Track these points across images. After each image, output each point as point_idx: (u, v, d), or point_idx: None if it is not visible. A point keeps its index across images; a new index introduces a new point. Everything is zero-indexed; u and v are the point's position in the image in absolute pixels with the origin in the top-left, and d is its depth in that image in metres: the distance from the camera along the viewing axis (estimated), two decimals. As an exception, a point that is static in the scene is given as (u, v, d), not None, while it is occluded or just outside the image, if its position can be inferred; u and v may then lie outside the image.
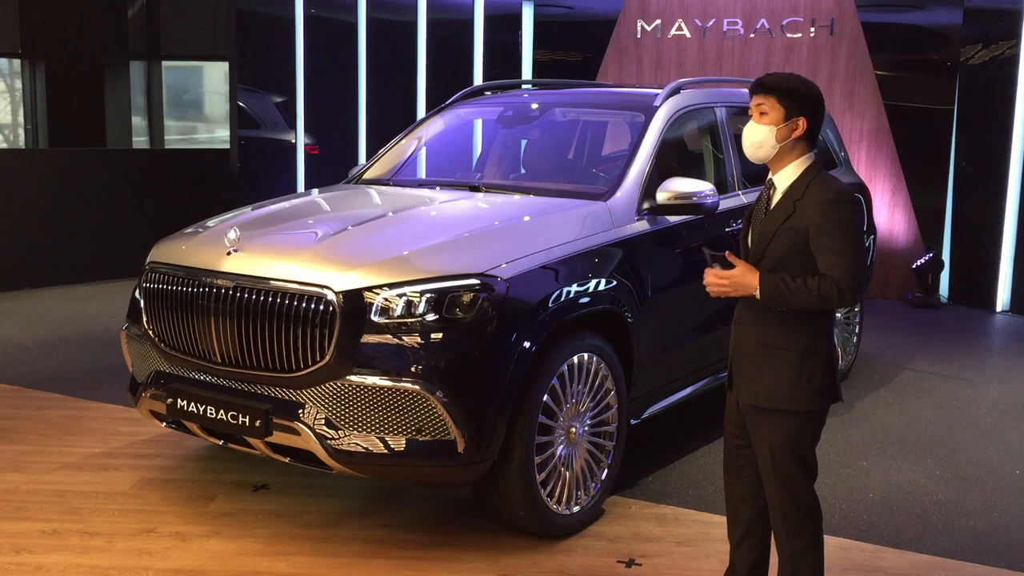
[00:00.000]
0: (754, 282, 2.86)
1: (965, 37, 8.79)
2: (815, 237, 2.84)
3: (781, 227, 2.88)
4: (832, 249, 2.81)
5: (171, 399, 3.86)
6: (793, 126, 2.91)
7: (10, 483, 4.32)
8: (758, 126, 2.93)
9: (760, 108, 2.93)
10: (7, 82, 12.33)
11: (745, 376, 2.98)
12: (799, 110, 2.91)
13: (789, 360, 2.89)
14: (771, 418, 2.92)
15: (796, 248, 2.87)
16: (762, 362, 2.93)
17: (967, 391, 6.16)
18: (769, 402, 2.91)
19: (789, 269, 2.87)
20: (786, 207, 2.90)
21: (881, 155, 9.09)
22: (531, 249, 3.88)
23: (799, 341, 2.89)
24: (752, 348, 2.96)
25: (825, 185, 2.89)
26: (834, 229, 2.82)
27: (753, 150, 2.96)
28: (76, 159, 9.57)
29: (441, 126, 5.57)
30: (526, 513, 3.73)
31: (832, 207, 2.83)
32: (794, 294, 2.82)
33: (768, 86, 2.92)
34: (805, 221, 2.85)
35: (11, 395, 5.66)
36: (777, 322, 2.90)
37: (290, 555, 3.70)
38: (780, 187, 2.95)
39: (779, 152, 2.93)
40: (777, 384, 2.89)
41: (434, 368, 3.50)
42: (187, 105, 13.91)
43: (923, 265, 8.82)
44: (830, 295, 2.80)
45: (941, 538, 4.00)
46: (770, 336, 2.92)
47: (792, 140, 2.92)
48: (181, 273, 3.93)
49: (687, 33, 9.49)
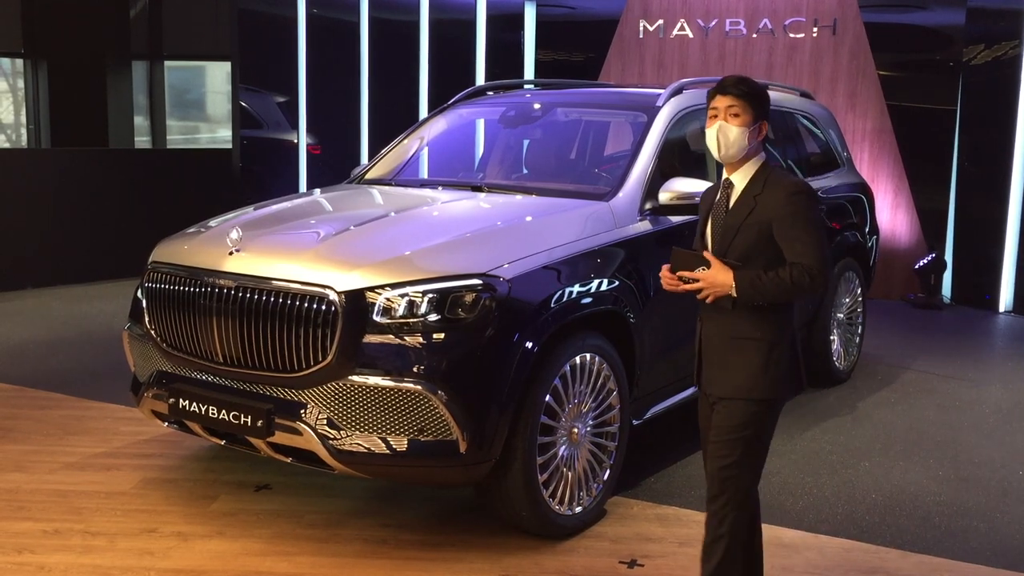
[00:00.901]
0: (729, 279, 2.94)
1: (968, 37, 8.78)
2: (780, 228, 2.95)
3: (744, 222, 2.99)
4: (798, 238, 2.94)
5: (173, 399, 3.86)
6: (759, 129, 3.03)
7: (12, 483, 4.33)
8: (732, 127, 3.00)
9: (731, 110, 3.00)
10: (10, 82, 12.34)
11: (715, 369, 3.05)
12: (763, 114, 3.04)
13: (757, 350, 2.97)
14: (732, 405, 2.99)
15: (760, 241, 2.97)
16: (732, 354, 3.01)
17: (970, 392, 6.15)
18: (738, 393, 2.98)
19: (756, 263, 2.97)
20: (747, 203, 3.00)
21: (883, 155, 9.08)
22: (533, 249, 3.87)
23: (767, 331, 2.98)
24: (722, 341, 3.03)
25: (782, 179, 3.03)
26: (798, 219, 2.95)
27: (726, 149, 3.02)
28: (78, 159, 9.57)
29: (443, 126, 5.57)
30: (528, 513, 3.73)
31: (794, 199, 2.95)
32: (768, 286, 2.92)
33: (742, 90, 3.01)
34: (768, 214, 2.96)
35: (13, 395, 5.66)
36: (746, 314, 2.98)
37: (292, 555, 3.69)
38: (739, 185, 3.05)
39: (746, 153, 3.03)
40: (745, 374, 2.98)
41: (436, 368, 3.49)
42: (189, 105, 13.92)
43: (925, 266, 8.82)
44: (802, 282, 2.91)
45: (944, 539, 3.99)
46: (740, 328, 2.99)
47: (757, 142, 3.04)
48: (183, 273, 3.93)
49: (689, 33, 9.48)
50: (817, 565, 3.73)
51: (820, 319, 5.88)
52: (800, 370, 3.09)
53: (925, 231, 9.02)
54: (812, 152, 6.29)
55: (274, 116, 10.67)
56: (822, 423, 5.43)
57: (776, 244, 2.96)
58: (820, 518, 4.15)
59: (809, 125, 6.31)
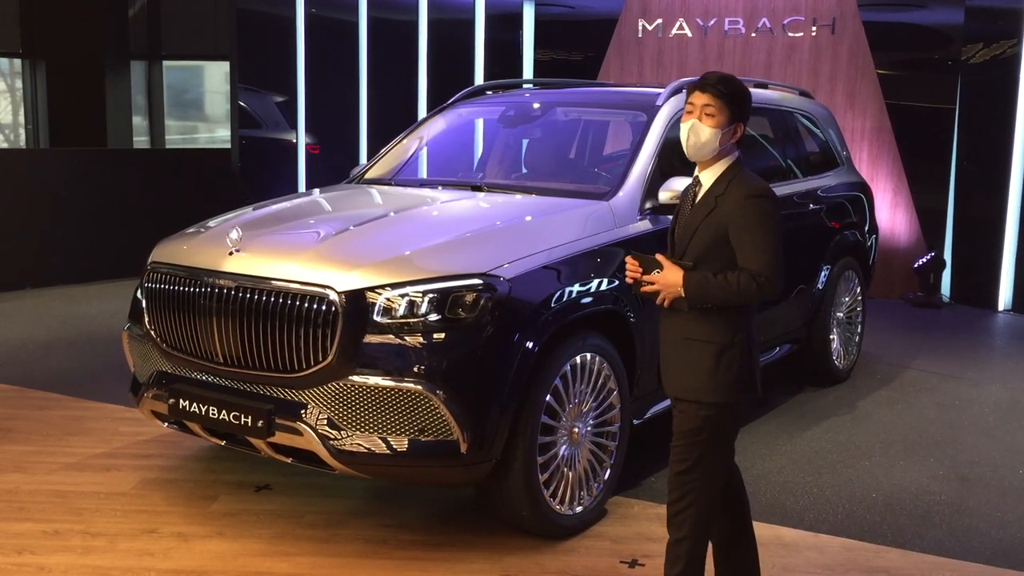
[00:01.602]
0: (679, 280, 2.92)
1: (966, 36, 8.78)
2: (734, 231, 2.92)
3: (703, 222, 2.96)
4: (751, 243, 2.90)
5: (173, 399, 3.85)
6: (733, 131, 2.99)
7: (11, 483, 4.32)
8: (705, 127, 2.97)
9: (707, 110, 2.96)
10: (8, 82, 12.33)
11: (669, 369, 3.05)
12: (740, 116, 2.99)
13: (708, 353, 2.95)
14: (686, 408, 2.98)
15: (717, 243, 2.94)
16: (684, 355, 3.00)
17: (969, 390, 6.15)
18: (688, 394, 2.98)
19: (712, 264, 2.94)
20: (708, 202, 2.98)
21: (882, 154, 9.08)
22: (533, 249, 3.87)
23: (718, 334, 2.95)
24: (675, 342, 3.03)
25: (744, 181, 2.97)
26: (752, 223, 2.90)
27: (696, 149, 3.00)
28: (77, 159, 9.57)
29: (443, 126, 5.57)
30: (529, 513, 3.73)
31: (750, 202, 2.91)
32: (716, 290, 2.89)
33: (721, 90, 2.96)
34: (725, 216, 2.93)
35: (12, 395, 5.65)
36: (697, 316, 2.96)
37: (292, 555, 3.69)
38: (705, 184, 3.02)
39: (718, 154, 2.99)
40: (696, 377, 2.96)
41: (437, 368, 3.49)
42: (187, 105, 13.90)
43: (925, 264, 8.82)
44: (749, 289, 2.87)
45: (944, 538, 3.99)
46: (690, 330, 2.98)
47: (731, 144, 3.00)
48: (183, 273, 3.92)
49: (688, 32, 9.49)
50: (818, 564, 3.73)
51: (819, 318, 5.88)
52: (755, 376, 3.04)
53: (924, 230, 9.02)
54: (811, 151, 6.28)
55: (273, 116, 10.67)
56: (822, 422, 5.43)
57: (730, 247, 2.93)
58: (821, 517, 4.15)
59: (808, 124, 6.31)
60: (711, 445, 2.98)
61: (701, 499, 3.00)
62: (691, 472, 2.98)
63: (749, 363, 3.01)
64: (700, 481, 2.99)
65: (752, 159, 5.50)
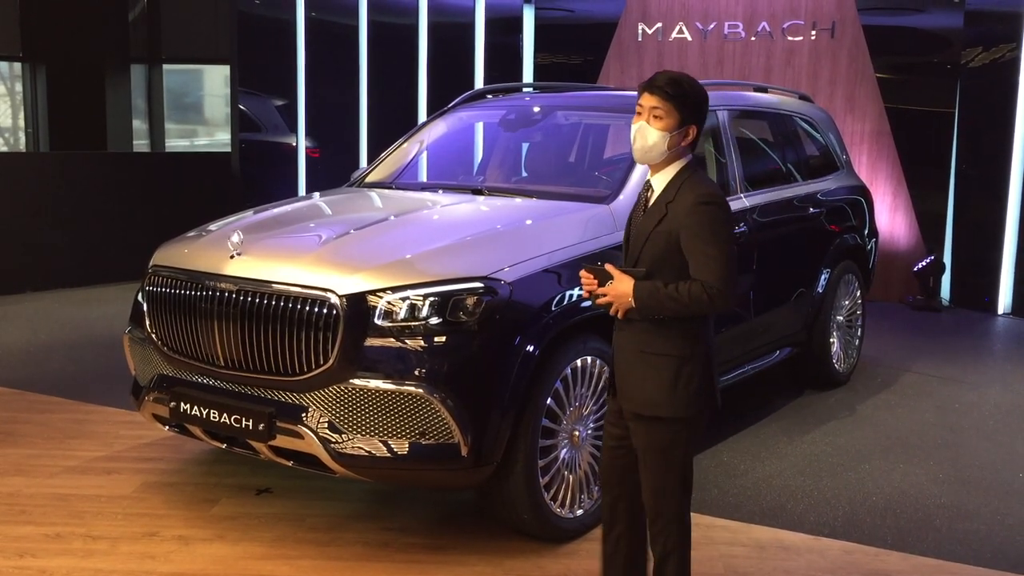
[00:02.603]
0: (629, 291, 2.83)
1: (966, 40, 8.79)
2: (685, 239, 2.82)
3: (654, 230, 2.87)
4: (702, 251, 2.80)
5: (174, 402, 3.86)
6: (684, 134, 2.89)
7: (13, 487, 4.32)
8: (652, 130, 2.87)
9: (655, 112, 2.87)
10: (8, 85, 12.34)
11: (626, 383, 2.95)
12: (692, 119, 2.89)
13: (666, 366, 2.86)
14: (648, 425, 2.91)
15: (669, 251, 2.85)
16: (641, 369, 2.90)
17: (970, 394, 6.16)
18: (647, 409, 2.89)
19: (665, 272, 2.85)
20: (659, 210, 2.88)
21: (882, 158, 9.09)
22: (534, 252, 3.88)
23: (675, 347, 2.86)
24: (631, 355, 2.93)
25: (694, 187, 2.87)
26: (703, 231, 2.80)
27: (643, 152, 2.91)
28: (77, 162, 9.57)
29: (443, 129, 5.58)
30: (530, 516, 3.73)
31: (700, 209, 2.81)
32: (667, 301, 2.80)
33: (669, 92, 2.86)
34: (676, 223, 2.83)
35: (13, 399, 5.65)
36: (654, 328, 2.87)
37: (293, 559, 3.69)
38: (657, 189, 2.93)
39: (666, 158, 2.91)
40: (655, 391, 2.87)
41: (438, 371, 3.50)
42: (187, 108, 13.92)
43: (924, 268, 8.83)
44: (700, 299, 2.77)
45: (945, 541, 3.99)
46: (647, 342, 2.89)
47: (683, 147, 2.90)
48: (184, 276, 3.93)
49: (688, 36, 9.50)
50: (818, 567, 3.73)
51: (820, 321, 5.88)
52: (715, 389, 2.96)
53: (924, 233, 9.03)
54: (811, 155, 6.29)
55: (273, 120, 10.67)
56: (822, 426, 5.44)
57: (683, 255, 2.84)
58: (821, 520, 4.15)
59: (808, 128, 6.32)
60: (683, 459, 2.94)
61: (678, 510, 2.97)
62: (668, 490, 2.94)
63: (710, 376, 2.92)
64: (675, 495, 2.95)
65: (752, 163, 5.50)
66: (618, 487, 3.10)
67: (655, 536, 3.00)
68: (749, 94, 6.03)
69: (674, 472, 2.94)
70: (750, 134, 5.76)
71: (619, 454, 3.07)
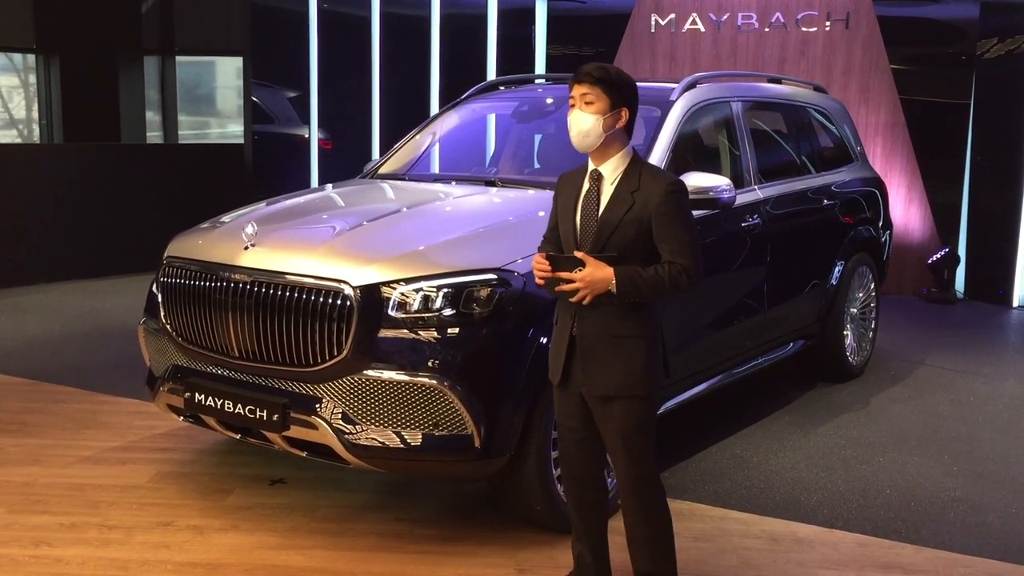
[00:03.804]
0: (609, 275, 2.89)
1: (982, 31, 8.73)
2: (658, 225, 2.93)
3: (623, 219, 2.95)
4: (676, 237, 2.93)
5: (189, 393, 3.87)
6: (617, 116, 3.00)
7: (28, 476, 4.35)
8: (585, 114, 2.99)
9: (586, 98, 2.99)
10: (22, 77, 12.38)
11: (594, 368, 3.00)
12: (623, 101, 3.01)
13: (638, 348, 2.97)
14: (624, 405, 2.98)
15: (639, 239, 2.95)
16: (611, 353, 2.98)
17: (984, 387, 6.13)
18: (623, 391, 2.97)
19: (632, 260, 2.94)
20: (624, 199, 2.97)
21: (897, 150, 9.04)
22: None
23: (644, 328, 2.98)
24: (599, 340, 2.99)
25: (660, 175, 3.01)
26: (675, 217, 2.94)
27: (581, 138, 3.01)
28: (90, 154, 9.60)
29: (456, 121, 5.57)
30: (543, 508, 3.74)
31: (672, 196, 2.94)
32: (643, 285, 2.91)
33: (595, 77, 2.98)
34: (647, 211, 2.93)
35: (28, 389, 5.69)
36: (623, 312, 2.96)
37: (307, 549, 3.71)
38: (609, 178, 3.02)
39: (604, 141, 3.00)
40: (628, 372, 2.96)
41: (451, 363, 3.50)
42: (199, 100, 13.93)
43: (939, 260, 8.78)
44: (679, 281, 2.92)
45: (959, 534, 3.98)
46: (617, 327, 2.97)
47: (616, 130, 2.99)
48: (198, 268, 3.94)
49: (701, 27, 9.46)
50: (832, 560, 3.72)
51: (833, 314, 5.86)
52: (666, 364, 3.13)
53: (938, 225, 8.98)
54: (825, 146, 6.27)
55: (285, 111, 10.68)
56: (836, 418, 5.42)
57: (651, 241, 2.94)
58: (834, 513, 4.14)
59: (822, 119, 6.28)
60: (652, 435, 3.05)
61: (655, 483, 3.08)
62: (645, 466, 3.03)
63: (664, 353, 3.10)
64: (652, 470, 3.06)
65: (765, 155, 5.48)
66: (584, 477, 3.17)
67: (642, 519, 3.07)
68: (763, 85, 6.00)
69: (650, 449, 3.04)
70: (764, 125, 5.73)
71: (584, 445, 3.13)
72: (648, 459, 3.05)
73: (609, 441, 3.05)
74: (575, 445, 3.14)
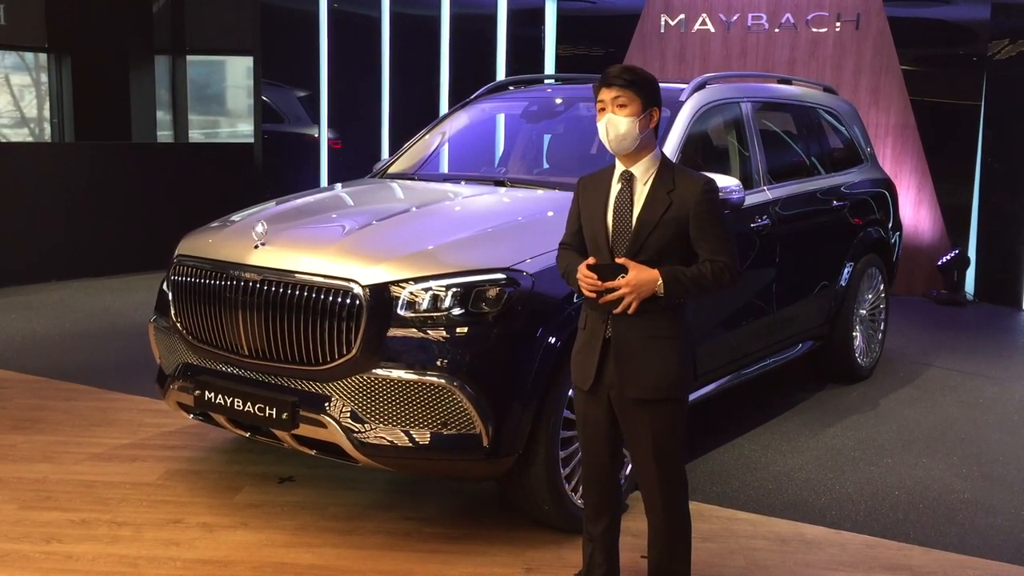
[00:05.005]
0: (655, 278, 2.88)
1: (993, 32, 8.70)
2: (697, 225, 2.94)
3: (662, 219, 2.94)
4: (715, 235, 2.94)
5: (199, 391, 3.89)
6: (649, 117, 2.99)
7: (39, 473, 4.37)
8: (621, 118, 2.96)
9: (618, 101, 2.96)
10: (33, 76, 12.44)
11: (630, 371, 2.97)
12: (653, 101, 3.00)
13: (674, 348, 2.97)
14: (658, 408, 2.97)
15: (676, 239, 2.95)
16: (649, 354, 2.96)
17: (993, 389, 6.11)
18: (659, 393, 2.96)
19: (670, 259, 2.94)
20: (661, 199, 2.96)
21: (907, 151, 9.02)
22: (556, 244, 3.86)
23: (678, 329, 2.99)
24: (637, 341, 2.96)
25: (693, 175, 3.02)
26: (712, 216, 2.95)
27: (618, 141, 2.98)
28: (102, 152, 9.64)
29: (465, 121, 5.58)
30: (551, 507, 3.74)
31: (709, 196, 2.96)
32: (692, 283, 2.91)
33: (627, 79, 2.96)
34: (685, 211, 2.93)
35: (39, 386, 5.72)
36: (661, 313, 2.95)
37: (316, 547, 3.72)
38: (641, 179, 3.00)
39: (639, 143, 2.98)
40: (665, 373, 2.96)
41: (460, 362, 3.51)
42: (208, 99, 13.97)
43: (949, 262, 8.76)
44: (722, 278, 2.93)
45: (968, 536, 3.97)
46: (655, 327, 2.96)
47: (648, 131, 2.99)
48: (209, 266, 3.96)
49: (711, 28, 9.45)
50: (840, 561, 3.72)
51: (843, 315, 5.86)
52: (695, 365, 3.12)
53: (948, 227, 8.96)
54: (835, 147, 6.25)
55: (295, 110, 10.71)
56: (844, 420, 5.41)
57: (687, 241, 2.94)
58: (843, 514, 4.14)
59: (833, 120, 6.27)
60: (684, 437, 3.05)
61: (684, 481, 3.10)
62: (679, 467, 3.05)
63: (695, 353, 3.10)
64: (683, 473, 3.08)
65: (775, 155, 5.48)
66: (607, 480, 3.16)
67: (665, 520, 3.06)
68: (773, 86, 5.99)
69: (682, 450, 3.04)
70: (774, 126, 5.73)
71: (611, 449, 3.11)
72: (678, 461, 3.04)
73: (637, 442, 3.01)
74: (598, 447, 3.11)
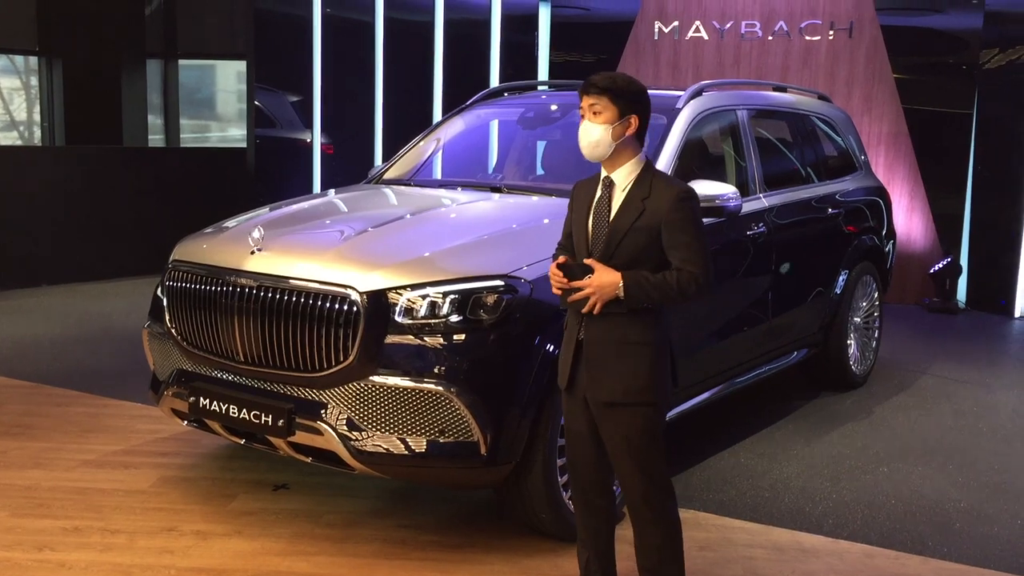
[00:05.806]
0: (617, 280, 2.90)
1: (985, 41, 8.74)
2: (669, 232, 2.93)
3: (633, 226, 2.95)
4: (687, 244, 2.93)
5: (193, 398, 3.86)
6: (626, 124, 2.99)
7: (31, 480, 4.33)
8: (594, 125, 2.99)
9: (593, 108, 2.99)
10: (24, 79, 12.38)
11: (602, 374, 2.99)
12: (631, 108, 2.99)
13: (645, 354, 2.96)
14: (630, 411, 2.98)
15: (649, 246, 2.95)
16: (618, 358, 2.97)
17: (987, 397, 6.13)
18: (629, 397, 2.96)
19: (641, 266, 2.94)
20: (635, 206, 2.97)
21: (899, 159, 9.05)
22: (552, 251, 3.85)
23: (651, 335, 2.98)
24: (608, 346, 2.98)
25: (669, 183, 3.02)
26: (687, 225, 2.94)
27: (591, 149, 3.01)
28: (93, 156, 9.60)
29: (460, 127, 5.57)
30: (548, 516, 3.72)
31: (684, 204, 2.94)
32: (655, 289, 2.91)
33: (601, 86, 2.98)
34: (657, 218, 2.94)
35: (31, 392, 5.67)
36: (632, 319, 2.95)
37: (311, 555, 3.69)
38: (620, 185, 3.02)
39: (615, 150, 2.99)
40: (635, 378, 2.95)
41: (457, 369, 3.49)
42: (199, 104, 13.93)
43: (941, 270, 8.79)
44: (688, 288, 2.91)
45: (964, 545, 3.97)
46: (626, 333, 2.96)
47: (626, 138, 2.99)
48: (204, 272, 3.93)
49: (704, 35, 9.47)
50: (838, 570, 3.71)
51: (837, 323, 5.86)
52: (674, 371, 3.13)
53: (940, 235, 8.99)
54: (830, 155, 6.27)
55: (288, 115, 10.67)
56: (839, 428, 5.41)
57: (661, 248, 2.95)
58: (840, 523, 4.13)
59: (826, 128, 6.29)
60: (663, 442, 3.05)
61: (668, 486, 3.08)
62: (658, 473, 3.03)
63: (672, 360, 3.10)
64: (664, 477, 3.06)
65: (770, 163, 5.48)
66: (592, 482, 3.15)
67: (651, 526, 3.06)
68: (768, 93, 6.00)
69: (661, 454, 3.04)
70: (768, 134, 5.73)
71: (591, 451, 3.11)
72: (659, 466, 3.04)
73: (614, 447, 3.04)
74: (582, 450, 3.13)
